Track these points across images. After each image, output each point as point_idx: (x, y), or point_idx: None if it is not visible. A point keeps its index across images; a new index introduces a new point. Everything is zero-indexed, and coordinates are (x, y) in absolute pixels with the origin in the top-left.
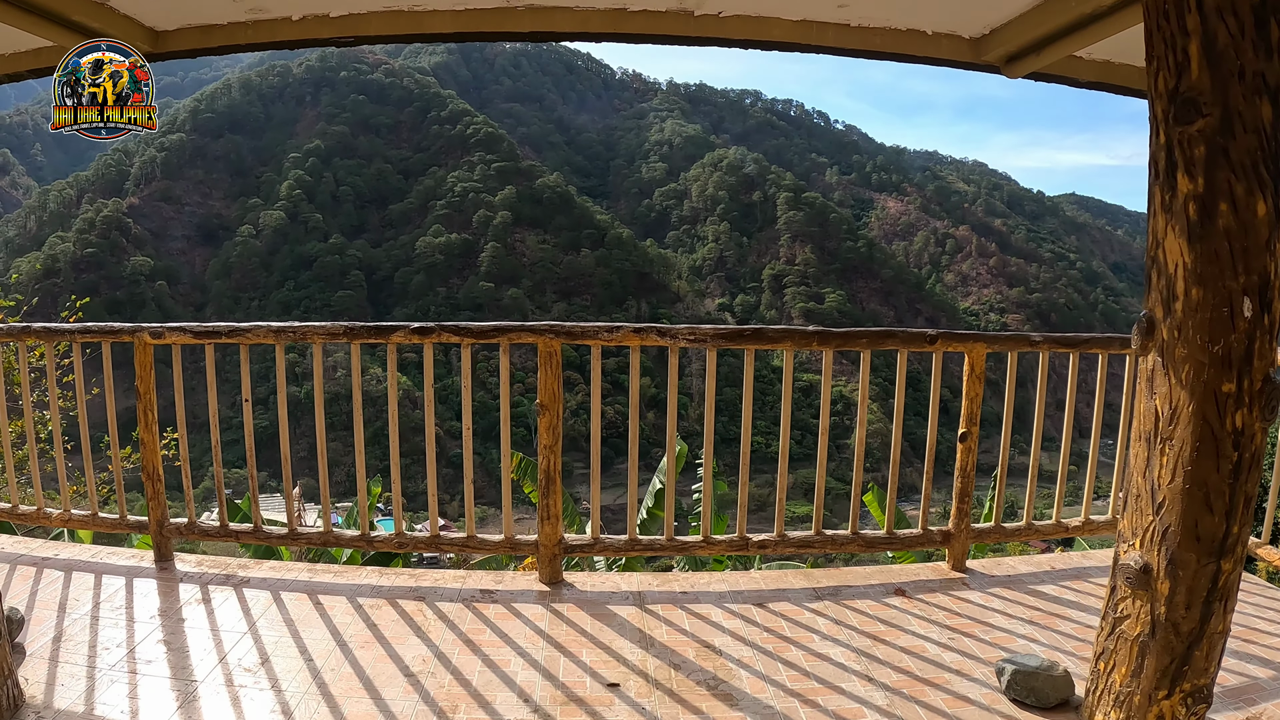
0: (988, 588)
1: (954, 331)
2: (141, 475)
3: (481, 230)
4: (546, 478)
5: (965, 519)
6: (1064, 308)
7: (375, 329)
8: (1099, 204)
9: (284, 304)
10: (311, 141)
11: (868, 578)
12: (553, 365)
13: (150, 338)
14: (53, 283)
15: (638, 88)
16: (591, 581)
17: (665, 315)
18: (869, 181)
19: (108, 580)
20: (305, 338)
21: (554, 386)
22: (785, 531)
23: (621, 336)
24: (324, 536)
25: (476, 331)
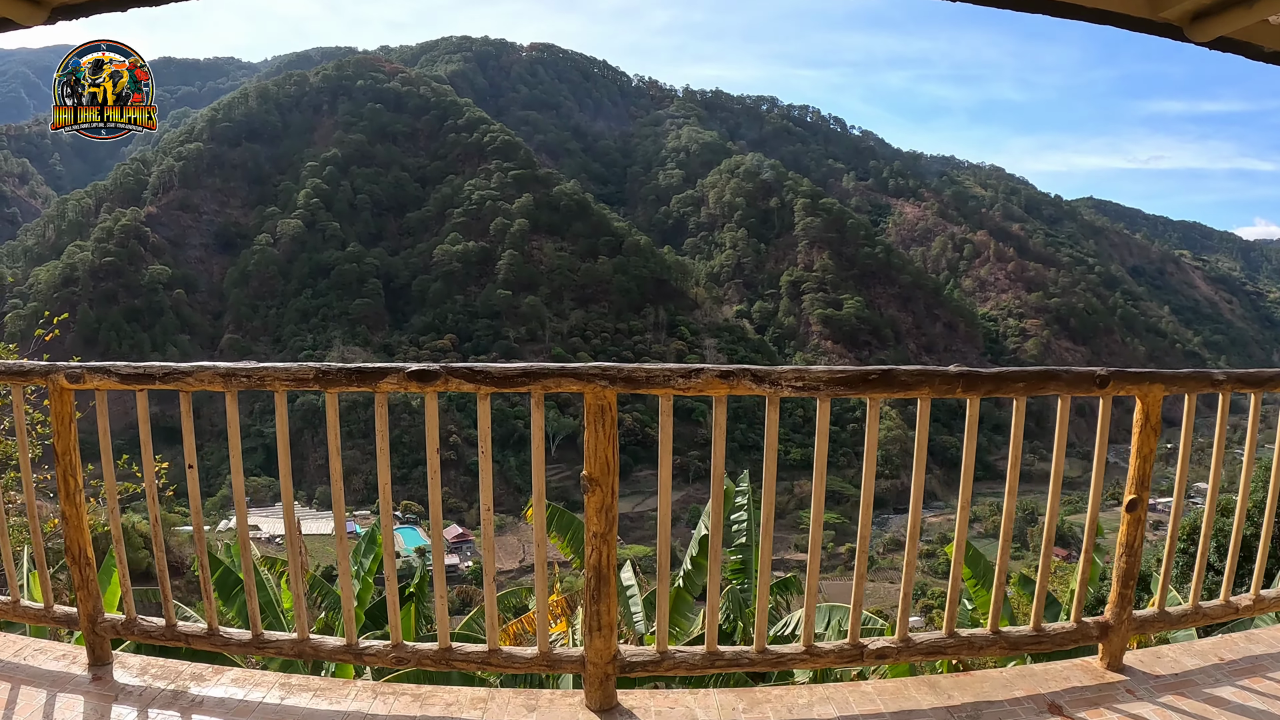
0: (1157, 695)
1: (1126, 371)
2: (66, 558)
3: (499, 238)
4: (597, 575)
5: (1127, 608)
6: (1083, 312)
7: (358, 374)
8: (1117, 207)
9: (302, 312)
10: (329, 150)
11: (1009, 686)
12: (605, 424)
13: (67, 381)
14: (71, 291)
15: (654, 94)
16: (656, 705)
17: (683, 322)
18: (886, 187)
19: (25, 693)
20: (264, 384)
21: (606, 454)
22: (910, 634)
23: (703, 384)
24: (298, 646)
25: (499, 378)
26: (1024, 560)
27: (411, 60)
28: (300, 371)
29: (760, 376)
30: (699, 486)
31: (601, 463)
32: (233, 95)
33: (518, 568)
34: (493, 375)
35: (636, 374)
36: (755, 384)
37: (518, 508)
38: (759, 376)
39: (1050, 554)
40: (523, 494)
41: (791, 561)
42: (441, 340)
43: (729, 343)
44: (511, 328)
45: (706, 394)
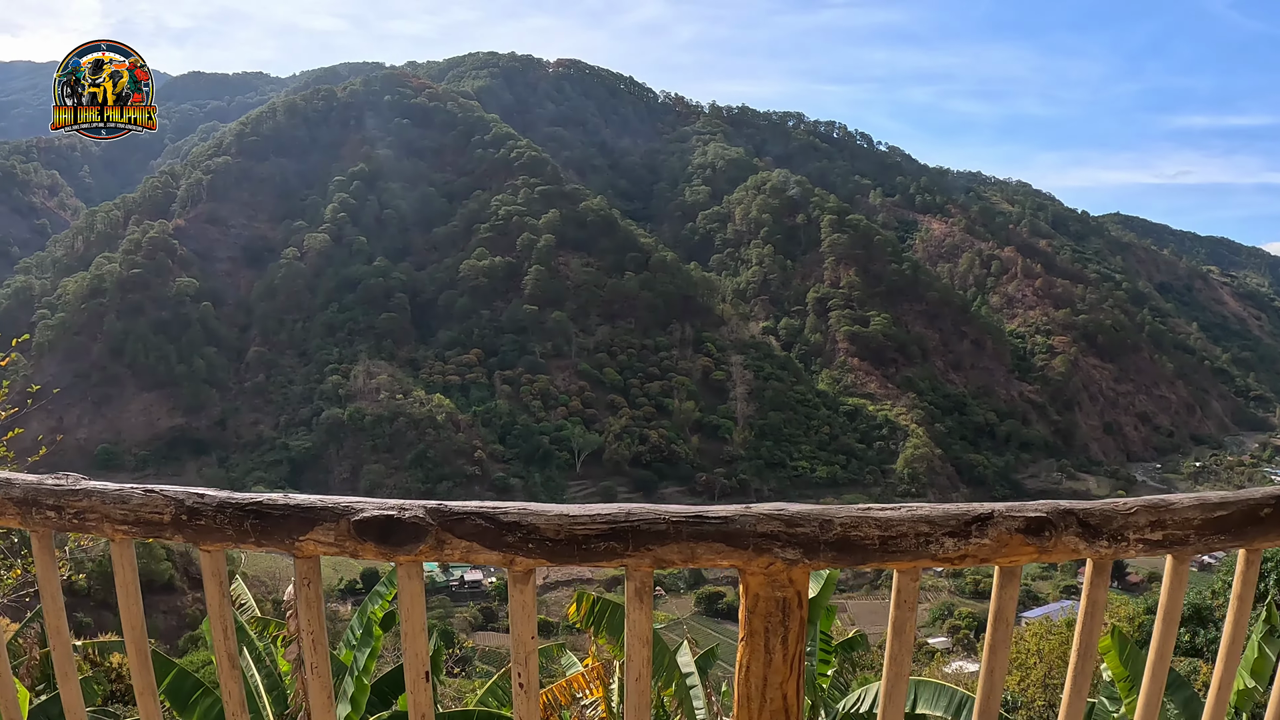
0: None
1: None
2: None
3: (525, 253)
4: None
5: None
6: (1111, 329)
7: (257, 515)
8: (1144, 223)
9: (328, 326)
10: (356, 164)
11: None
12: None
13: None
14: (98, 302)
15: (680, 110)
16: None
17: (709, 339)
18: (913, 203)
19: None
20: (84, 524)
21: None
22: None
23: (990, 547)
24: None
25: (552, 538)
26: (1051, 579)
27: (439, 76)
28: (150, 506)
29: (1094, 525)
30: (725, 503)
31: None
32: (261, 110)
33: (541, 584)
34: (540, 532)
35: (854, 536)
36: (1085, 541)
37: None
38: (1092, 526)
39: None
40: None
41: None
42: (467, 355)
43: (755, 359)
44: (538, 343)
45: (992, 563)
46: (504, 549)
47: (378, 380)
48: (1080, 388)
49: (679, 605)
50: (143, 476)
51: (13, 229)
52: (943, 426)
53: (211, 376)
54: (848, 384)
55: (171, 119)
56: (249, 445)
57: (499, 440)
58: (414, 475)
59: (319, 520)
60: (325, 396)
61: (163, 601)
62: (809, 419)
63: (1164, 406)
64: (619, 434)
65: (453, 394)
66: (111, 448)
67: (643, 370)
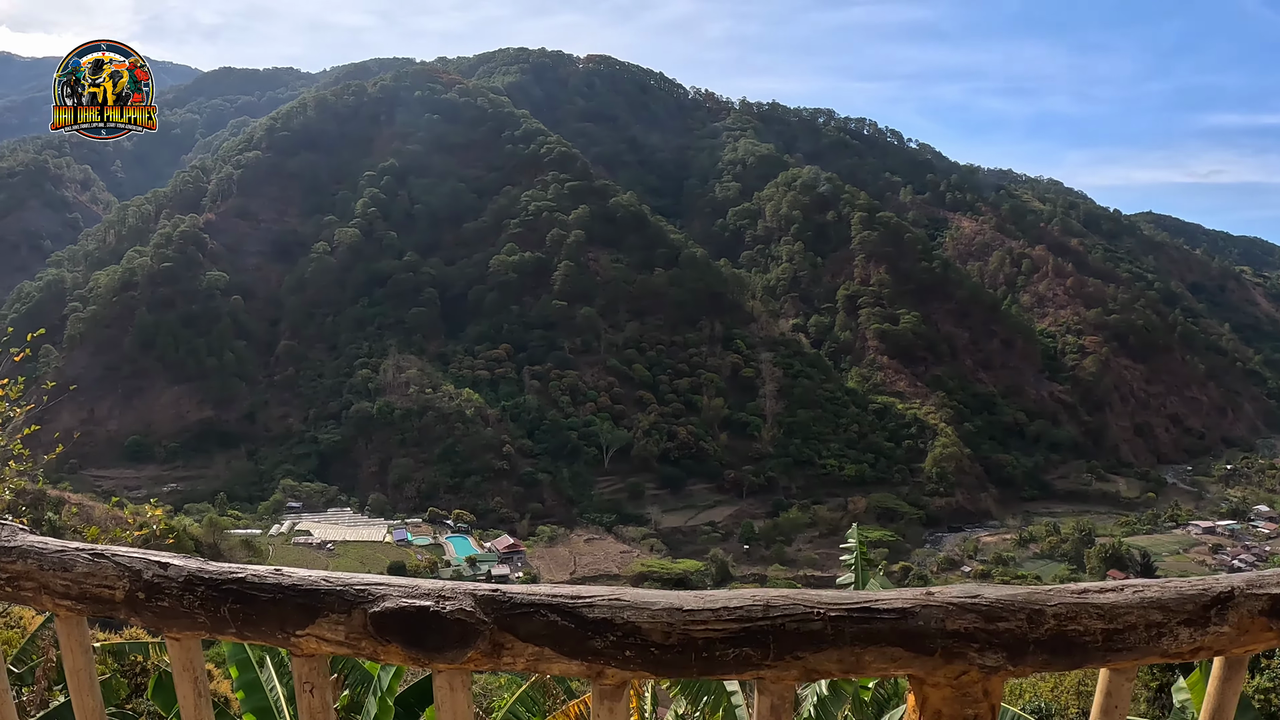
0: None
1: None
2: None
3: (555, 249)
4: None
5: None
6: (1142, 329)
7: (240, 599)
8: (1176, 222)
9: (358, 320)
10: (386, 160)
11: None
12: None
13: None
14: (130, 296)
15: (710, 107)
16: None
17: (738, 336)
18: (943, 200)
19: None
20: (17, 592)
21: None
22: None
23: (1228, 636)
24: None
25: (662, 657)
26: (1079, 582)
27: (469, 72)
28: (99, 578)
29: None
30: (752, 500)
31: None
32: (291, 105)
33: (568, 579)
34: (641, 634)
35: (1071, 631)
36: None
37: (570, 520)
38: None
39: None
40: (575, 505)
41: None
42: (496, 350)
43: (784, 357)
44: (566, 339)
45: (1228, 653)
46: (589, 657)
47: (407, 374)
48: (1111, 388)
49: None
50: (172, 468)
51: (45, 223)
52: (971, 426)
53: (241, 370)
54: (877, 382)
55: (202, 114)
56: (278, 438)
57: (527, 435)
58: (442, 469)
59: (323, 609)
60: (354, 390)
61: None
62: (838, 417)
63: (1195, 408)
64: (647, 430)
65: (481, 389)
66: (141, 439)
67: (671, 367)
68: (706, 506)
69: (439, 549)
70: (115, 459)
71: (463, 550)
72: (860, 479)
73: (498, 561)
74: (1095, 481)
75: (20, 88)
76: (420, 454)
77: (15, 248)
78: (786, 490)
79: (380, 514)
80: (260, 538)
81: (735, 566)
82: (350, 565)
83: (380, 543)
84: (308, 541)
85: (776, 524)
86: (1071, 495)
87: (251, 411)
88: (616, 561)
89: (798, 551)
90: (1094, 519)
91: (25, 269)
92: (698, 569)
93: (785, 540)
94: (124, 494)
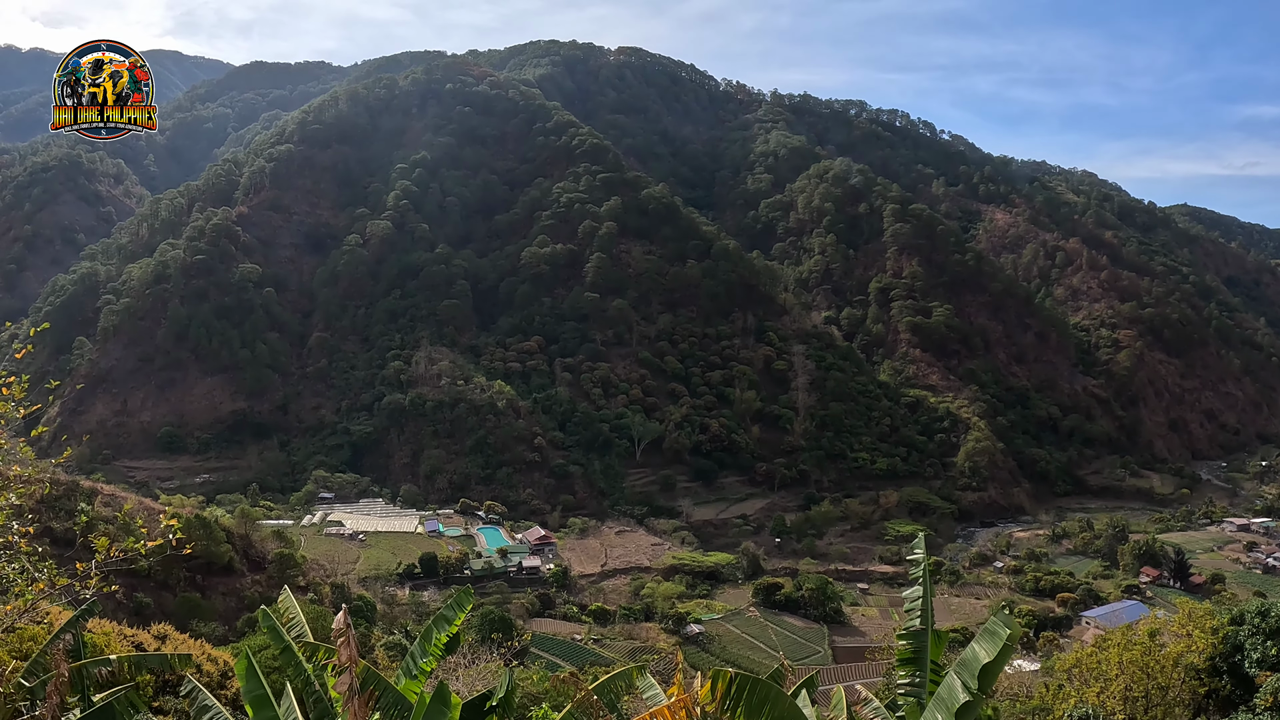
0: None
1: None
2: None
3: (587, 241)
4: None
5: None
6: (1177, 324)
7: None
8: (1212, 215)
9: (390, 312)
10: (418, 153)
11: None
12: None
13: None
14: (163, 288)
15: (742, 99)
16: None
17: (771, 328)
18: (976, 193)
19: None
20: None
21: None
22: None
23: None
24: None
25: None
26: (1113, 578)
27: (500, 64)
28: None
29: None
30: (784, 494)
31: None
32: (323, 98)
33: (599, 572)
34: None
35: None
36: None
37: (601, 512)
38: None
39: None
40: (606, 497)
41: (875, 573)
42: (528, 342)
43: (817, 350)
44: (598, 331)
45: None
46: None
47: (439, 366)
48: (1145, 383)
49: (737, 596)
50: (204, 459)
51: (79, 216)
52: (1005, 420)
53: (274, 361)
54: (909, 375)
55: (234, 108)
56: (310, 429)
57: (559, 427)
58: (474, 461)
59: None
60: (387, 382)
61: (222, 584)
62: (870, 410)
63: (1230, 404)
64: (679, 423)
65: (513, 381)
66: (174, 431)
67: (704, 359)
68: (738, 499)
69: (470, 540)
70: (148, 450)
71: (494, 541)
72: (892, 473)
73: (529, 553)
74: (1129, 477)
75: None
76: (452, 445)
77: (49, 241)
78: (818, 483)
79: (412, 505)
80: (292, 528)
81: (766, 560)
82: (382, 556)
83: (412, 534)
84: (339, 532)
85: (808, 517)
86: (1105, 491)
87: (284, 403)
88: (648, 554)
89: (829, 545)
90: (1127, 515)
91: (59, 262)
92: (729, 561)
93: (817, 534)
94: (157, 485)
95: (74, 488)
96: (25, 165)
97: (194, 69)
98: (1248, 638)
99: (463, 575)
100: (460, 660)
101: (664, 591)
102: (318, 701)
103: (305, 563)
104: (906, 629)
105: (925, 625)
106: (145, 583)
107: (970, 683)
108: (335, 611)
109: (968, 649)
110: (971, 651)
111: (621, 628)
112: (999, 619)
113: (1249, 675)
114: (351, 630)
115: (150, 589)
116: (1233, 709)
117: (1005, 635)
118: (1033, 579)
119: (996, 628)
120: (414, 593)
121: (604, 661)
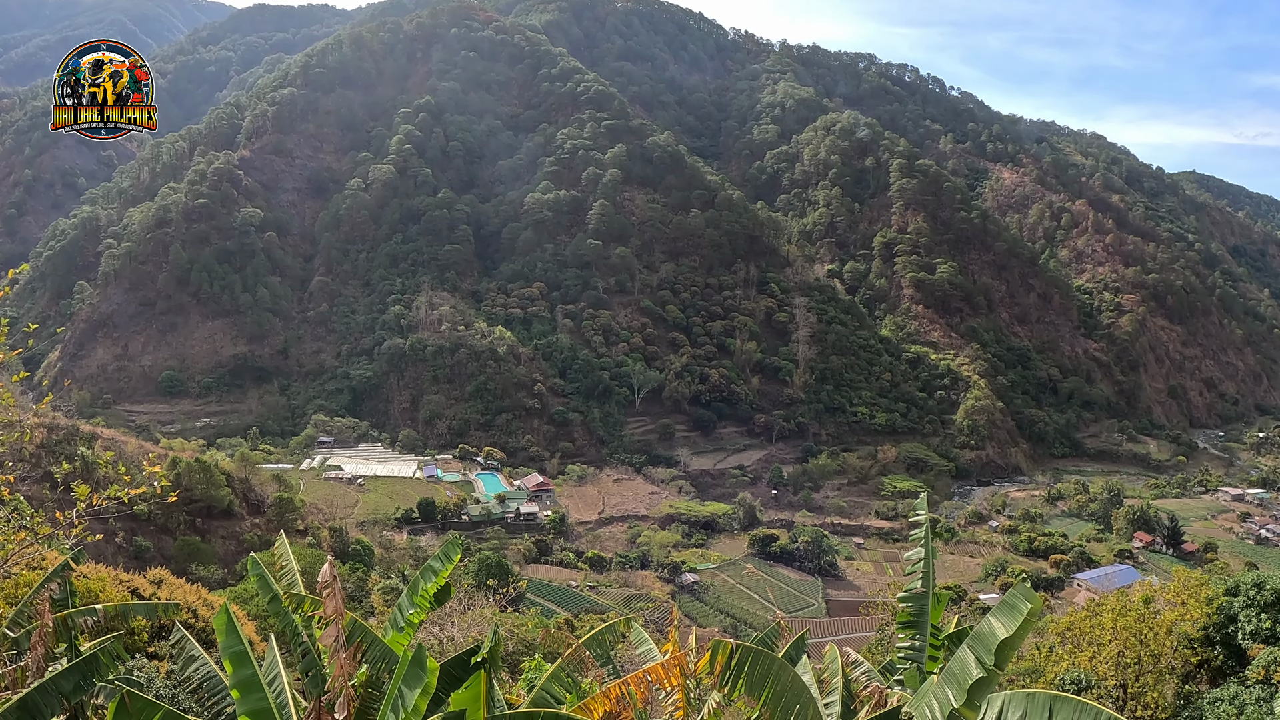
0: None
1: None
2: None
3: (590, 188)
4: None
5: None
6: (1181, 290)
7: None
8: (1220, 184)
9: (392, 257)
10: (422, 97)
11: None
12: None
13: None
14: (164, 232)
15: (750, 49)
16: None
17: (773, 279)
18: (984, 150)
19: None
20: None
21: None
22: None
23: None
24: None
25: None
26: (1105, 542)
27: (506, 9)
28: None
29: None
30: (782, 445)
31: None
32: (327, 42)
33: (596, 519)
34: None
35: None
36: None
37: (600, 459)
38: None
39: None
40: (605, 445)
41: (871, 528)
42: (530, 288)
43: (819, 302)
44: (601, 278)
45: None
46: None
47: (440, 311)
48: (1146, 349)
49: (732, 546)
50: (205, 403)
51: (79, 160)
52: (1005, 380)
53: (275, 305)
54: (911, 331)
55: (237, 51)
56: (311, 374)
57: (559, 374)
58: (474, 406)
59: None
60: (387, 326)
61: (222, 527)
62: (870, 365)
63: (1230, 373)
64: (679, 372)
65: (514, 327)
66: (175, 375)
67: (705, 309)
68: (736, 450)
69: (469, 486)
70: (149, 394)
71: (492, 487)
72: (891, 428)
73: (526, 499)
74: (1126, 442)
75: (54, 26)
76: (452, 391)
77: (50, 186)
78: (817, 436)
79: (411, 450)
80: (292, 472)
81: (763, 511)
82: (380, 500)
83: (410, 478)
84: (338, 476)
85: (805, 470)
86: (1102, 454)
87: (285, 347)
88: (645, 502)
89: (825, 498)
90: (1123, 479)
91: (60, 207)
92: (725, 512)
93: (814, 486)
94: (158, 429)
95: (74, 432)
96: (25, 109)
97: (196, 11)
98: (1242, 609)
99: (460, 521)
100: (455, 606)
101: (660, 540)
102: (305, 652)
103: (304, 507)
104: (908, 591)
105: (927, 588)
106: (145, 526)
107: (986, 659)
108: (334, 555)
109: (984, 621)
110: (988, 624)
111: (617, 575)
112: (1019, 591)
113: (1241, 647)
114: (338, 582)
115: (150, 532)
116: (1223, 679)
117: (1026, 610)
118: (1027, 539)
119: (1017, 601)
120: (412, 537)
121: (599, 609)
